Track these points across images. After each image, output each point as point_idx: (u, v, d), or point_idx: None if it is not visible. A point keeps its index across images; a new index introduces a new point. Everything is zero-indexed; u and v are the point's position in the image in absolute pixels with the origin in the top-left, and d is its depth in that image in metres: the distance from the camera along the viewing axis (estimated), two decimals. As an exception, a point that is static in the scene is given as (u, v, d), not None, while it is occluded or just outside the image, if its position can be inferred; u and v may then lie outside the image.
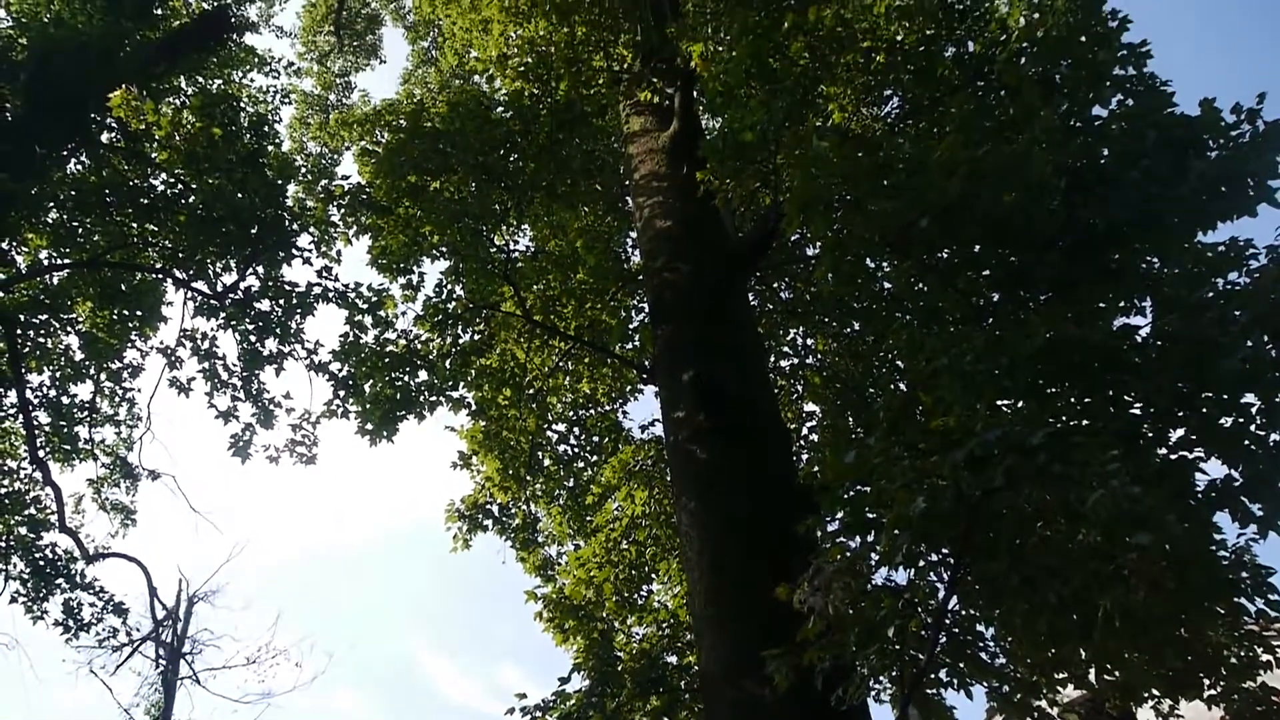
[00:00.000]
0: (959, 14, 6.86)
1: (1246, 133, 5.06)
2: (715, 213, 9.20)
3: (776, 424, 7.79)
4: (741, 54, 7.23)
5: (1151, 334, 4.82)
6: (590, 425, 12.35)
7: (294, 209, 10.73)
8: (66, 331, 11.24)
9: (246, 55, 13.83)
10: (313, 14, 22.07)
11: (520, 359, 11.74)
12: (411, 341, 10.86)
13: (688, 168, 9.42)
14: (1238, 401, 4.41)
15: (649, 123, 10.81)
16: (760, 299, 11.88)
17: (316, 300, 10.78)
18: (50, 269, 10.92)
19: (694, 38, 8.72)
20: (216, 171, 10.10)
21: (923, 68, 6.87)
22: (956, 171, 5.00)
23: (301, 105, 20.90)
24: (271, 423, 11.10)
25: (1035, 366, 4.55)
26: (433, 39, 20.92)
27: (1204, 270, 4.99)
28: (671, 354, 8.33)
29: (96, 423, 11.85)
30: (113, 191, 10.72)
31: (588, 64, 11.45)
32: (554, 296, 11.72)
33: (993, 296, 5.49)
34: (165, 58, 12.20)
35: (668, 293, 9.02)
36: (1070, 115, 5.63)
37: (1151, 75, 5.83)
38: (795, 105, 6.94)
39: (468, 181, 10.66)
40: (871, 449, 4.51)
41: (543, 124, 10.88)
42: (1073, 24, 5.96)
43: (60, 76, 10.09)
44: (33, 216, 10.44)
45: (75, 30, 10.32)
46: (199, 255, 10.43)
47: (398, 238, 10.72)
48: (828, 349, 11.67)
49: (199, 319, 10.88)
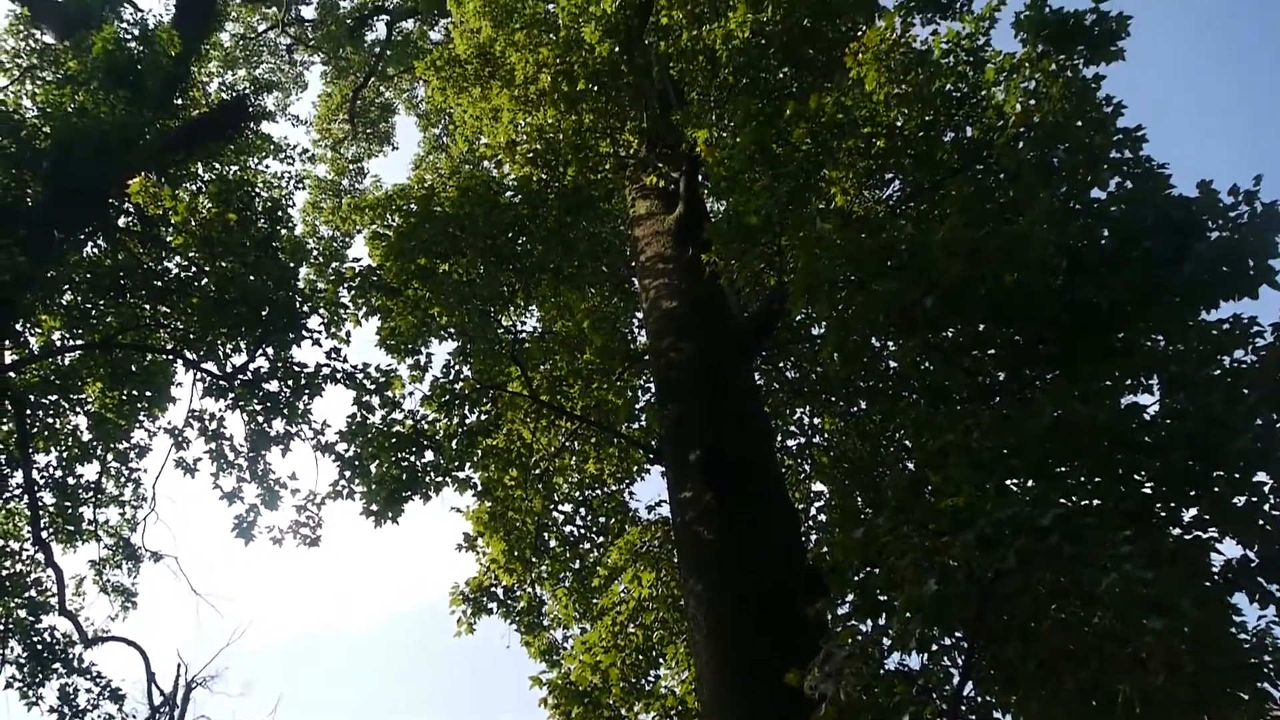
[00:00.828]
0: (956, 101, 7.04)
1: (1245, 213, 5.14)
2: (720, 293, 9.30)
3: (784, 504, 7.73)
4: (745, 140, 7.40)
5: (1159, 412, 4.81)
6: (597, 506, 12.26)
7: (305, 291, 10.87)
8: (75, 412, 11.29)
9: (263, 143, 14.19)
10: (328, 103, 22.74)
11: (527, 439, 11.72)
12: (418, 422, 10.87)
13: (693, 250, 9.56)
14: (1250, 480, 4.37)
15: (654, 206, 11.02)
16: (766, 378, 11.91)
17: (325, 381, 10.82)
18: (62, 350, 11.02)
19: (698, 124, 8.95)
20: (230, 255, 10.26)
21: (922, 152, 7.03)
22: (959, 252, 5.07)
23: (315, 190, 21.39)
24: (276, 504, 11.03)
25: (1044, 445, 4.54)
26: (444, 126, 21.49)
27: (1209, 348, 5.01)
28: (678, 434, 8.32)
29: (101, 503, 11.80)
30: (127, 274, 10.88)
31: (595, 150, 11.72)
32: (561, 377, 11.77)
33: (998, 375, 5.51)
34: (184, 145, 12.53)
35: (674, 373, 9.06)
36: (1069, 197, 5.73)
37: (1148, 158, 5.96)
38: (798, 189, 7.08)
39: (476, 264, 10.81)
40: (880, 529, 4.47)
41: (550, 207, 11.10)
42: (1068, 110, 6.11)
43: (81, 164, 10.35)
44: (47, 299, 10.58)
45: (98, 119, 10.61)
46: (210, 337, 10.53)
47: (407, 319, 10.83)
48: (835, 428, 11.63)
49: (207, 399, 10.93)
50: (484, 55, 12.93)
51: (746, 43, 9.28)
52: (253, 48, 21.38)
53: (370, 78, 22.57)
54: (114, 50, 11.46)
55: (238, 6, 21.03)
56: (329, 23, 21.41)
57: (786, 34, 9.16)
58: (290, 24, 21.53)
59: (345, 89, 22.65)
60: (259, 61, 21.52)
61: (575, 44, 11.25)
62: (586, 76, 11.05)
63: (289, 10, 21.28)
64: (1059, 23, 6.39)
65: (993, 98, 6.77)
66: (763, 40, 9.27)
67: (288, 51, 21.96)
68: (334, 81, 22.77)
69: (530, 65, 11.36)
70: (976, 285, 5.19)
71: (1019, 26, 6.59)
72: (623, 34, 11.25)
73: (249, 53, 21.19)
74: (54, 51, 13.19)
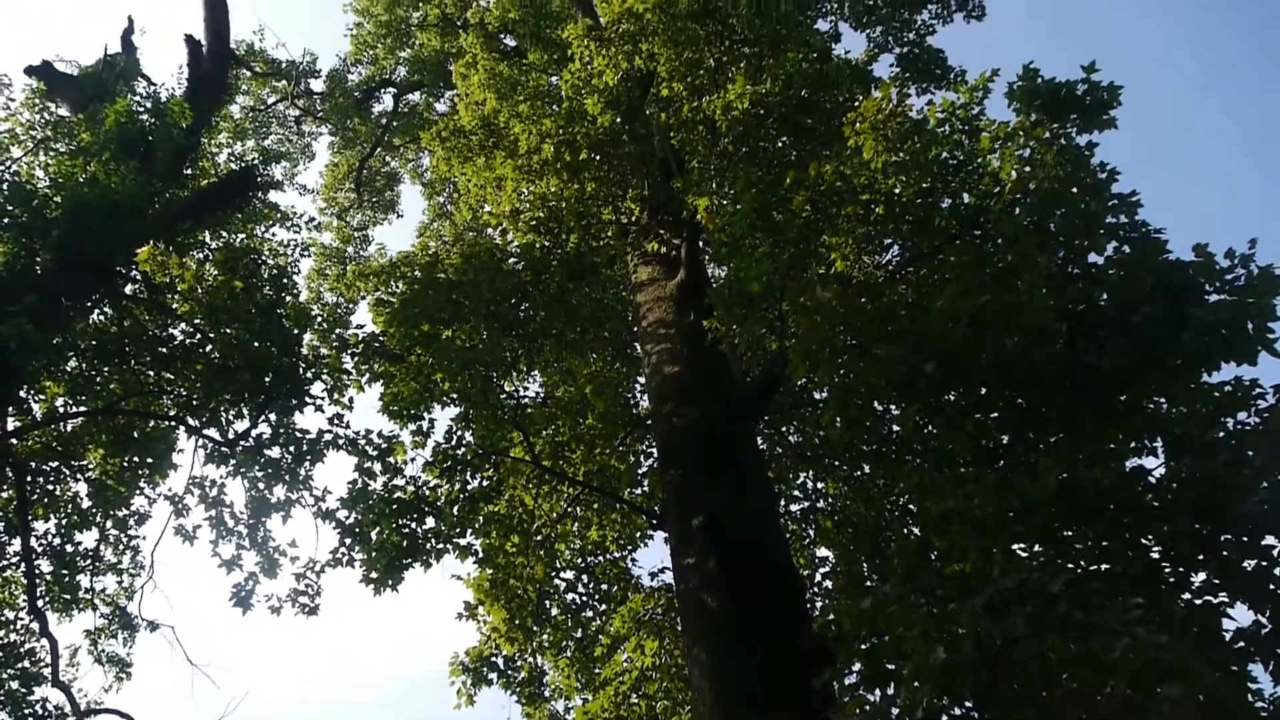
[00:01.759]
0: (953, 168, 7.16)
1: (1241, 277, 5.19)
2: (722, 358, 9.33)
3: (789, 570, 7.65)
4: (745, 207, 7.52)
5: (1165, 475, 4.79)
6: (599, 573, 12.12)
7: (308, 357, 10.91)
8: (76, 478, 11.23)
9: (270, 211, 14.41)
10: (335, 172, 23.14)
11: (528, 505, 11.64)
12: (420, 488, 10.81)
13: (694, 315, 9.63)
14: (1259, 544, 4.34)
15: (656, 272, 11.13)
16: (769, 443, 11.87)
17: (327, 447, 10.81)
18: (65, 417, 11.02)
19: (699, 192, 9.10)
20: (235, 322, 10.34)
21: (921, 218, 7.13)
22: (959, 318, 5.11)
23: (320, 257, 21.65)
24: (275, 572, 10.91)
25: (1049, 510, 4.51)
26: (448, 195, 21.84)
27: (1212, 411, 5.01)
28: (681, 499, 8.27)
29: (98, 571, 11.66)
30: (132, 341, 10.95)
31: (597, 217, 11.88)
32: (563, 442, 11.74)
33: (1002, 439, 5.50)
34: (192, 214, 12.73)
35: (676, 437, 9.04)
36: (1067, 262, 5.80)
37: (1144, 223, 6.03)
38: (798, 255, 7.16)
39: (479, 330, 10.88)
40: (887, 596, 4.42)
41: (553, 274, 11.21)
42: (1063, 176, 6.21)
43: (90, 233, 10.49)
44: (52, 365, 10.63)
45: (108, 189, 10.80)
46: (213, 403, 10.54)
47: (409, 385, 10.85)
48: (838, 493, 11.56)
49: (209, 466, 10.89)
50: (488, 126, 13.19)
51: (745, 113, 9.49)
52: (262, 119, 21.84)
53: (376, 148, 23.00)
54: (126, 122, 11.72)
55: (248, 80, 21.54)
56: (337, 95, 21.90)
57: (785, 105, 9.37)
58: (299, 97, 22.02)
59: (352, 159, 23.07)
60: (268, 132, 21.96)
61: (578, 115, 11.49)
62: (589, 146, 11.25)
63: (298, 84, 21.78)
64: (1051, 93, 6.53)
65: (988, 165, 6.89)
66: (761, 111, 9.48)
67: (296, 123, 22.42)
68: (341, 152, 23.21)
69: (533, 136, 11.58)
70: (978, 350, 5.21)
71: (1012, 96, 6.74)
72: (624, 105, 11.50)
73: (258, 124, 21.63)
74: (68, 124, 13.49)
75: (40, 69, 14.61)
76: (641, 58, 10.52)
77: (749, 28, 10.13)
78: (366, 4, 22.84)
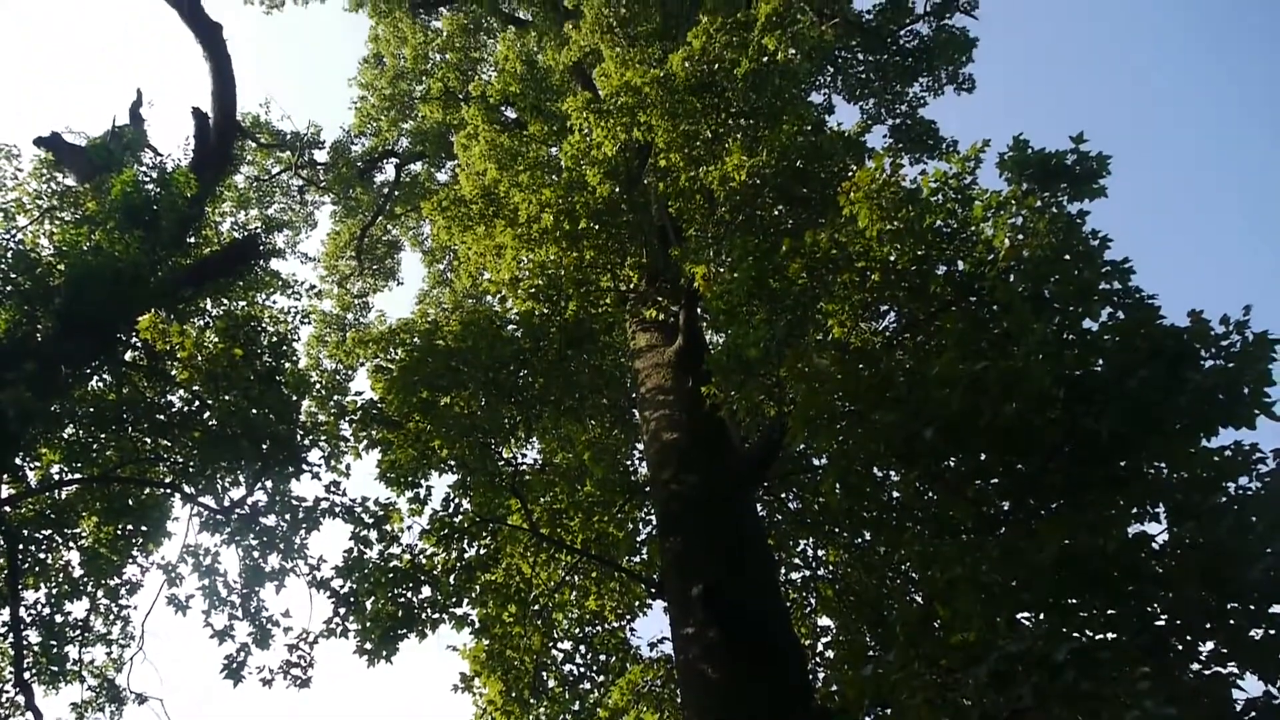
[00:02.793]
0: (947, 236, 7.25)
1: (1237, 342, 5.22)
2: (721, 425, 9.32)
3: (790, 639, 7.53)
4: (743, 275, 7.59)
5: (1168, 542, 4.76)
6: (597, 643, 11.91)
7: (306, 424, 10.89)
8: (69, 547, 11.10)
9: (271, 279, 14.52)
10: (337, 240, 23.41)
11: (526, 574, 11.51)
12: (416, 556, 10.70)
13: (693, 381, 9.65)
14: (1266, 612, 4.28)
15: (654, 339, 11.20)
16: (769, 510, 11.79)
17: (323, 515, 10.71)
18: (60, 484, 10.94)
19: (696, 260, 9.20)
20: (234, 389, 10.34)
21: (916, 285, 7.20)
22: (957, 385, 5.12)
23: (320, 324, 21.77)
24: (268, 643, 10.71)
25: (1053, 577, 4.47)
26: (448, 262, 22.08)
27: (1213, 476, 5.00)
28: (680, 567, 8.19)
29: (88, 642, 11.44)
30: (130, 408, 10.92)
31: (596, 284, 11.99)
32: (561, 509, 11.66)
33: (1003, 505, 5.47)
34: (194, 282, 12.83)
35: (675, 505, 8.99)
36: (1062, 329, 5.83)
37: (1138, 289, 6.09)
38: (796, 322, 7.21)
39: (478, 397, 10.88)
40: (891, 666, 4.34)
41: (552, 341, 11.26)
42: (1056, 244, 6.29)
43: (92, 300, 10.55)
44: (49, 432, 10.59)
45: (112, 258, 10.90)
46: (210, 470, 10.48)
47: (407, 451, 10.81)
48: (839, 560, 11.44)
49: (204, 534, 10.78)
50: (488, 196, 13.40)
51: (742, 183, 9.65)
52: (266, 188, 22.16)
53: (378, 216, 23.31)
54: (132, 192, 11.88)
55: (254, 150, 21.93)
56: (340, 165, 22.26)
57: (780, 175, 9.53)
58: (303, 166, 22.38)
59: (354, 227, 23.35)
60: (271, 201, 22.27)
61: (577, 185, 11.68)
62: (588, 215, 11.41)
63: (303, 154, 22.16)
64: (1041, 162, 6.65)
65: (982, 233, 6.98)
66: (758, 181, 9.65)
67: (299, 192, 22.74)
68: (343, 220, 23.51)
69: (533, 205, 11.76)
70: (976, 416, 5.22)
71: (1003, 166, 6.87)
72: (623, 175, 11.71)
73: (262, 193, 21.95)
74: (74, 193, 13.69)
75: (49, 140, 14.88)
76: (640, 129, 10.74)
77: (744, 101, 10.36)
78: (371, 78, 23.38)
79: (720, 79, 10.50)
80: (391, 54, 23.37)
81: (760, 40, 10.58)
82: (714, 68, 10.53)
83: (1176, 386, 5.05)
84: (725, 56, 10.49)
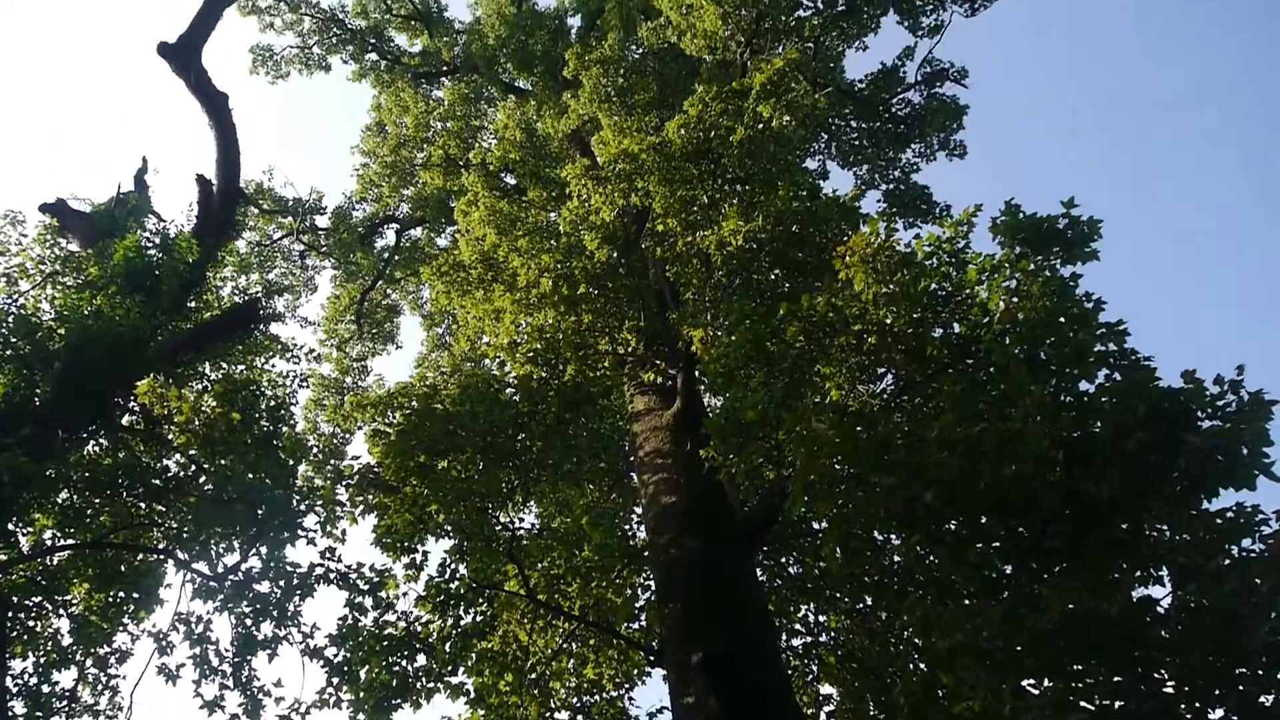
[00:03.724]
0: (942, 299, 7.31)
1: (1233, 402, 5.23)
2: (720, 488, 9.27)
3: (792, 708, 7.38)
4: (740, 338, 7.63)
5: (1173, 605, 4.70)
6: (595, 713, 11.65)
7: (303, 489, 10.82)
8: (59, 614, 10.92)
9: (270, 343, 14.57)
10: (336, 305, 23.56)
11: (523, 641, 11.31)
12: (412, 624, 10.53)
13: (691, 444, 9.63)
14: (1275, 676, 4.22)
15: (653, 402, 11.20)
16: (769, 574, 11.65)
17: (318, 581, 10.58)
18: (53, 550, 10.81)
19: (694, 323, 9.25)
20: (231, 453, 10.30)
21: (913, 348, 7.23)
22: (955, 448, 5.12)
23: (318, 388, 21.79)
24: (259, 713, 10.48)
25: (1057, 643, 4.40)
26: (447, 326, 22.20)
27: (1215, 537, 4.96)
28: (680, 635, 8.06)
29: (75, 713, 11.17)
30: (125, 473, 10.86)
31: (594, 348, 12.04)
32: (559, 575, 11.51)
33: (1005, 568, 5.42)
34: (194, 346, 12.87)
35: (675, 570, 8.89)
36: (1059, 391, 5.85)
37: (1133, 350, 6.13)
38: (793, 384, 7.23)
39: (475, 461, 10.83)
40: (895, 736, 4.26)
41: (550, 404, 11.25)
42: (1050, 307, 6.34)
43: (91, 364, 10.57)
44: (43, 497, 10.51)
45: (112, 322, 10.95)
46: (204, 535, 10.38)
47: (403, 516, 10.72)
48: (841, 626, 11.26)
49: (196, 601, 10.62)
50: (488, 260, 13.52)
51: (739, 248, 9.76)
52: (267, 253, 22.37)
53: (378, 281, 23.49)
54: (134, 257, 11.99)
55: (256, 216, 22.19)
56: (341, 231, 22.51)
57: (776, 239, 9.66)
58: (305, 232, 22.63)
59: (354, 291, 23.52)
60: (272, 266, 22.46)
61: (576, 250, 11.80)
62: (586, 280, 11.51)
63: (304, 220, 22.43)
64: (1033, 227, 6.74)
65: (977, 296, 7.04)
66: (754, 245, 9.76)
67: (300, 257, 22.95)
68: (343, 285, 23.69)
69: (532, 270, 11.86)
70: (976, 479, 5.20)
71: (996, 230, 6.95)
72: (620, 240, 11.84)
73: (263, 258, 22.15)
74: (77, 258, 13.80)
75: (54, 206, 15.08)
76: (637, 195, 10.90)
77: (740, 167, 10.54)
78: (373, 145, 23.79)
79: (716, 145, 10.69)
80: (394, 122, 23.82)
81: (755, 108, 10.80)
82: (710, 134, 10.73)
83: (1175, 448, 5.04)
84: (721, 123, 10.70)
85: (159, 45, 16.14)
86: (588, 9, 21.59)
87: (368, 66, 24.12)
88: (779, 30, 14.80)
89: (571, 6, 22.19)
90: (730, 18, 14.21)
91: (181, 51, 16.29)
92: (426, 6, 24.63)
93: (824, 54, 15.93)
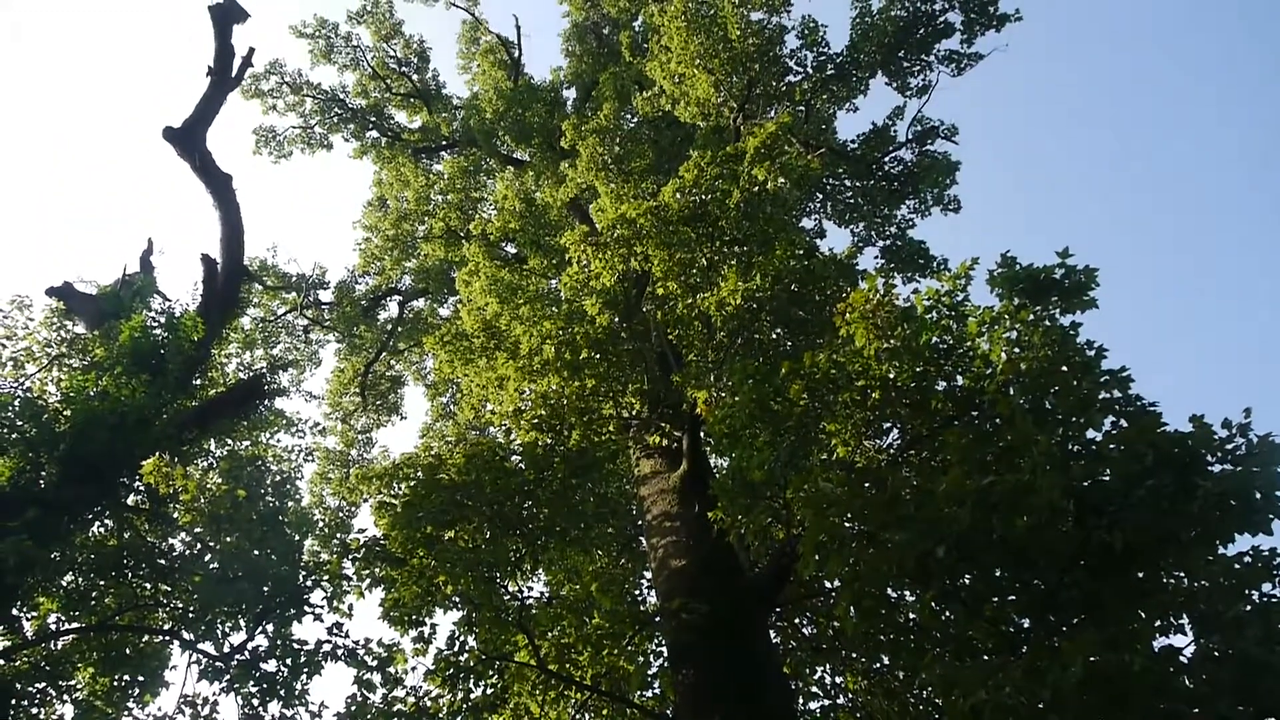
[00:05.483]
0: (944, 352, 7.34)
1: (1241, 445, 5.20)
2: (729, 550, 9.18)
3: (813, 776, 7.20)
4: (744, 398, 7.64)
5: (1195, 654, 4.62)
6: (610, 787, 11.36)
7: (309, 564, 10.73)
8: (62, 700, 10.74)
9: (275, 418, 14.60)
10: (341, 378, 23.64)
11: (535, 713, 11.07)
12: (421, 699, 10.33)
13: (699, 506, 9.56)
14: (1304, 727, 4.12)
15: (659, 464, 11.15)
16: (783, 636, 11.46)
17: (325, 658, 10.42)
18: (57, 634, 10.68)
19: (698, 385, 9.27)
20: (237, 530, 10.24)
21: (917, 401, 7.23)
22: (965, 501, 5.08)
23: (324, 461, 21.74)
24: (264, 802, 10.25)
25: (1080, 697, 4.31)
26: (451, 396, 22.21)
27: (1235, 583, 4.89)
28: (694, 701, 7.91)
29: (80, 804, 10.93)
30: (130, 553, 10.78)
31: (598, 413, 12.03)
32: (569, 643, 11.32)
33: (1022, 622, 5.33)
34: (199, 423, 12.89)
35: (686, 635, 8.76)
36: (1066, 440, 5.83)
37: (1138, 397, 6.11)
38: (799, 443, 7.21)
39: (482, 530, 10.75)
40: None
41: (556, 471, 11.20)
42: (1052, 356, 6.35)
43: (97, 445, 10.58)
44: (48, 581, 10.42)
45: (117, 402, 10.98)
46: (210, 615, 10.26)
47: (411, 589, 10.60)
48: (858, 687, 11.02)
49: (202, 682, 10.45)
50: (490, 329, 13.61)
51: (739, 308, 9.83)
52: (271, 329, 22.54)
53: (381, 352, 23.62)
54: (140, 337, 12.08)
55: (260, 293, 22.40)
56: (345, 304, 22.71)
57: (776, 298, 9.72)
58: (308, 307, 22.82)
59: (358, 364, 23.62)
60: (277, 341, 22.61)
61: (577, 316, 11.88)
62: (588, 345, 11.56)
63: (308, 295, 22.63)
64: (1030, 278, 6.79)
65: (978, 348, 7.06)
66: (754, 305, 9.83)
67: (304, 331, 23.11)
68: (347, 358, 23.81)
69: (534, 337, 11.92)
70: (988, 532, 5.15)
71: (994, 282, 7.00)
72: (621, 305, 11.92)
73: (268, 334, 22.31)
74: (83, 340, 13.90)
75: (60, 290, 15.24)
76: (636, 259, 11.01)
77: (737, 228, 10.67)
78: (375, 220, 24.13)
79: (713, 208, 10.83)
80: (394, 196, 24.20)
81: (750, 171, 10.97)
82: (706, 198, 10.89)
83: (1187, 494, 5.00)
84: (717, 187, 10.86)
85: (164, 130, 16.48)
86: (582, 81, 22.08)
87: (369, 143, 24.59)
88: (770, 95, 15.12)
89: (566, 79, 22.70)
90: (722, 85, 14.53)
91: (186, 135, 16.63)
92: (425, 85, 25.20)
93: (815, 116, 16.23)
